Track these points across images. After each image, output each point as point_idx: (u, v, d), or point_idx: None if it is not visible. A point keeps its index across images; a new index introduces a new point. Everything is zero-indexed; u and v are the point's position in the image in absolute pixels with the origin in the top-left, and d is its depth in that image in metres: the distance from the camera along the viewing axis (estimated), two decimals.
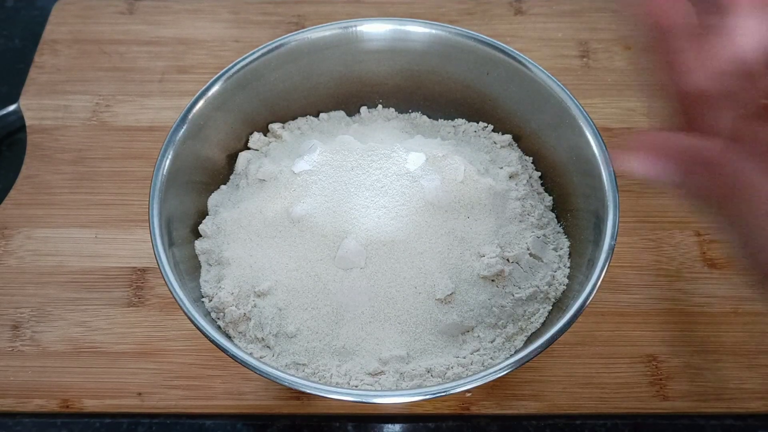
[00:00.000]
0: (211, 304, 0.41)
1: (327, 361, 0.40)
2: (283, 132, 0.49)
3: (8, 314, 0.46)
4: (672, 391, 0.44)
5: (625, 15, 0.28)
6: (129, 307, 0.47)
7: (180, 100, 0.55)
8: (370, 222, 0.41)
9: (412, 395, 0.36)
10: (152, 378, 0.44)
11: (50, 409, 0.43)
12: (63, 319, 0.46)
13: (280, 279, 0.41)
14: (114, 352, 0.45)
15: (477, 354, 0.40)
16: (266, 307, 0.41)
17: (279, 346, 0.40)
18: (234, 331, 0.41)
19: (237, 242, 0.43)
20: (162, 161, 0.42)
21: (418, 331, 0.40)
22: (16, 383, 0.44)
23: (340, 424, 0.43)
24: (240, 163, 0.48)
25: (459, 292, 0.41)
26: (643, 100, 0.56)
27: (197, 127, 0.44)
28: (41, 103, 0.56)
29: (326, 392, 0.35)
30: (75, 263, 0.48)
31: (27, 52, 0.59)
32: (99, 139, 0.54)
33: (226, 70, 0.45)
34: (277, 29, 0.60)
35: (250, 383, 0.44)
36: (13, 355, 0.45)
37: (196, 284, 0.42)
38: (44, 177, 0.52)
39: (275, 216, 0.42)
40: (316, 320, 0.40)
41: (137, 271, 0.48)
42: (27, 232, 0.50)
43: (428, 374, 0.39)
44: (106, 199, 0.51)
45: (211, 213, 0.45)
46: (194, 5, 0.62)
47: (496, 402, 0.43)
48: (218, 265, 0.43)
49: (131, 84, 0.57)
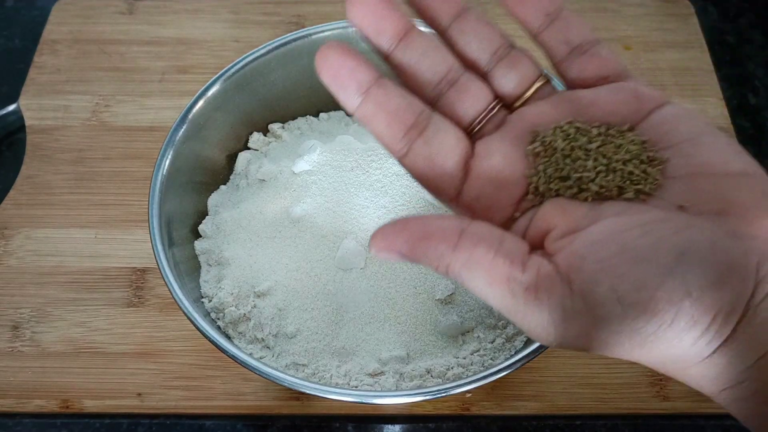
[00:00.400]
0: (210, 304, 0.41)
1: (327, 361, 0.40)
2: (283, 132, 0.49)
3: (8, 314, 0.46)
4: (672, 392, 0.43)
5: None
6: (129, 307, 0.46)
7: (180, 100, 0.55)
8: (370, 222, 0.41)
9: (412, 396, 0.36)
10: (152, 378, 0.44)
11: (50, 410, 0.43)
12: (63, 320, 0.46)
13: (279, 279, 0.41)
14: (114, 353, 0.45)
15: (477, 354, 0.40)
16: (266, 308, 0.41)
17: (279, 346, 0.40)
18: (234, 332, 0.41)
19: (237, 242, 0.43)
20: (162, 161, 0.42)
21: (418, 332, 0.40)
22: (15, 384, 0.44)
23: (340, 424, 0.43)
24: (240, 164, 0.48)
25: (459, 292, 0.41)
26: None
27: (197, 127, 0.44)
28: (41, 103, 0.56)
29: (326, 393, 0.35)
30: (75, 263, 0.48)
31: (27, 52, 0.59)
32: (99, 139, 0.54)
33: (226, 70, 0.45)
34: (277, 29, 0.60)
35: (250, 384, 0.44)
36: (13, 355, 0.45)
37: (195, 284, 0.42)
38: (44, 177, 0.52)
39: (275, 216, 0.42)
40: (315, 321, 0.40)
41: (137, 272, 0.48)
42: (27, 233, 0.49)
43: (428, 375, 0.39)
44: (106, 199, 0.51)
45: (211, 213, 0.45)
46: (194, 5, 0.62)
47: (497, 402, 0.43)
48: (218, 266, 0.43)
49: (131, 84, 0.57)
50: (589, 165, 0.26)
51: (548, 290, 0.23)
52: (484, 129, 0.28)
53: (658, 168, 0.25)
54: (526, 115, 0.28)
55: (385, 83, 0.26)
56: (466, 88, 0.28)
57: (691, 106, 0.56)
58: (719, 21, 0.63)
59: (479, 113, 0.28)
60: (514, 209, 0.27)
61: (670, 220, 0.24)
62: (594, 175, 0.26)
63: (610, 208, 0.25)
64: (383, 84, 0.26)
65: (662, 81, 0.57)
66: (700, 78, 0.57)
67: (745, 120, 0.57)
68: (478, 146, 0.27)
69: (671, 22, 0.61)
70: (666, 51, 0.59)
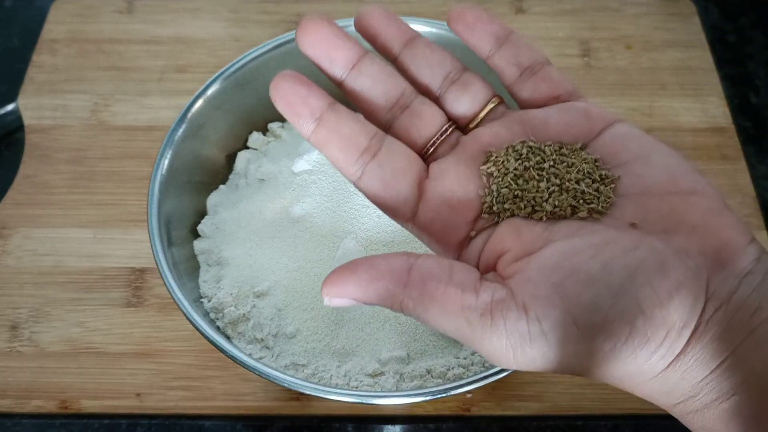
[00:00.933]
0: (210, 304, 0.41)
1: (326, 361, 0.40)
2: (283, 131, 0.49)
3: (6, 315, 0.46)
4: None
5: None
6: (128, 307, 0.46)
7: (179, 99, 0.54)
8: (369, 222, 0.41)
9: (413, 396, 0.36)
10: (151, 379, 0.44)
11: (49, 410, 0.43)
12: (61, 320, 0.46)
13: (279, 279, 0.41)
14: (113, 353, 0.45)
15: (477, 355, 0.40)
16: (265, 308, 0.41)
17: (278, 346, 0.40)
18: (233, 332, 0.41)
19: (236, 242, 0.43)
20: (161, 161, 0.42)
21: (418, 332, 0.40)
22: (14, 384, 0.44)
23: (339, 425, 0.43)
24: (239, 163, 0.47)
25: None
26: (644, 99, 0.56)
27: (196, 126, 0.44)
28: (40, 103, 0.56)
29: (326, 393, 0.35)
30: (73, 263, 0.48)
31: (25, 51, 0.59)
32: (97, 138, 0.54)
33: (226, 69, 0.45)
34: (277, 28, 0.60)
35: (250, 384, 0.43)
36: (12, 355, 0.45)
37: (195, 284, 0.42)
38: (42, 177, 0.52)
39: (274, 216, 0.42)
40: (315, 321, 0.40)
41: (136, 272, 0.48)
42: (25, 232, 0.49)
43: (428, 375, 0.39)
44: (105, 198, 0.51)
45: (210, 213, 0.45)
46: (193, 4, 0.61)
47: (497, 403, 0.43)
48: (217, 266, 0.43)
49: (130, 83, 0.57)
50: (542, 186, 0.26)
51: (503, 315, 0.23)
52: (438, 151, 0.29)
53: (610, 186, 0.26)
54: (479, 136, 0.28)
55: (338, 108, 0.27)
56: (419, 112, 0.29)
57: (692, 105, 0.56)
58: (721, 20, 0.63)
59: (432, 135, 0.29)
60: (469, 229, 0.27)
61: (620, 239, 0.24)
62: (547, 195, 0.26)
63: (563, 229, 0.25)
64: (336, 109, 0.27)
65: (663, 80, 0.57)
66: (702, 77, 0.57)
67: (747, 119, 0.57)
68: (432, 168, 0.28)
69: (673, 22, 0.61)
70: (667, 50, 0.59)
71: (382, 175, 0.27)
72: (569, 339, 0.23)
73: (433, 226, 0.27)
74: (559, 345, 0.23)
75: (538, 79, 0.29)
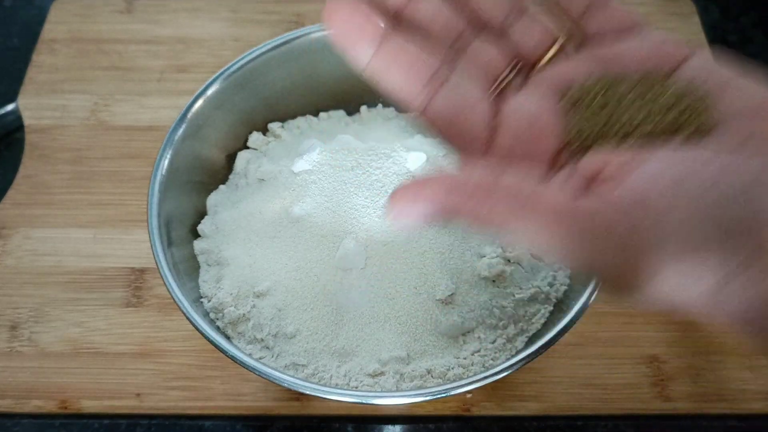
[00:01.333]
0: (210, 304, 0.41)
1: (326, 361, 0.40)
2: (283, 131, 0.49)
3: (6, 315, 0.46)
4: (674, 392, 0.43)
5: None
6: (127, 307, 0.46)
7: (179, 99, 0.54)
8: (370, 222, 0.41)
9: (413, 396, 0.36)
10: (151, 379, 0.44)
11: (48, 410, 0.43)
12: (61, 320, 0.46)
13: (279, 279, 0.41)
14: (112, 353, 0.45)
15: (477, 355, 0.40)
16: (265, 308, 0.41)
17: (278, 346, 0.40)
18: (233, 332, 0.41)
19: (236, 242, 0.43)
20: (161, 161, 0.42)
21: (419, 332, 0.40)
22: (14, 384, 0.44)
23: (339, 425, 0.43)
24: (239, 163, 0.47)
25: (459, 292, 0.41)
26: None
27: (196, 126, 0.44)
28: (39, 103, 0.56)
29: (326, 393, 0.35)
30: (73, 263, 0.48)
31: (25, 51, 0.59)
32: (97, 138, 0.54)
33: (226, 69, 0.45)
34: (277, 28, 0.60)
35: (250, 384, 0.43)
36: (11, 355, 0.45)
37: (194, 284, 0.42)
38: (42, 177, 0.52)
39: (274, 216, 0.42)
40: (315, 321, 0.40)
41: (136, 272, 0.48)
42: (25, 232, 0.49)
43: (428, 375, 0.39)
44: (105, 198, 0.51)
45: (210, 213, 0.45)
46: (193, 4, 0.61)
47: (497, 403, 0.43)
48: (217, 266, 0.43)
49: (130, 83, 0.57)
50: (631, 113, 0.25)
51: (606, 220, 0.21)
52: (505, 91, 0.27)
53: (709, 107, 0.24)
54: (554, 71, 0.27)
55: (402, 30, 0.25)
56: (482, 48, 0.27)
57: None
58: (721, 20, 0.63)
59: (500, 72, 0.27)
60: (549, 165, 0.25)
61: (727, 158, 0.22)
62: (638, 121, 0.24)
63: (660, 153, 0.23)
64: (401, 30, 0.25)
65: None
66: None
67: None
68: (505, 104, 0.26)
69: (673, 21, 0.61)
70: None
71: (453, 102, 0.25)
72: (666, 248, 0.21)
73: (508, 161, 0.25)
74: (654, 250, 0.21)
75: (606, 13, 0.27)
